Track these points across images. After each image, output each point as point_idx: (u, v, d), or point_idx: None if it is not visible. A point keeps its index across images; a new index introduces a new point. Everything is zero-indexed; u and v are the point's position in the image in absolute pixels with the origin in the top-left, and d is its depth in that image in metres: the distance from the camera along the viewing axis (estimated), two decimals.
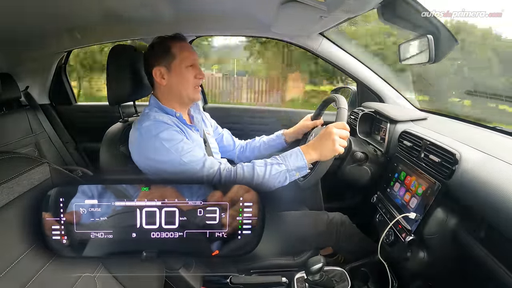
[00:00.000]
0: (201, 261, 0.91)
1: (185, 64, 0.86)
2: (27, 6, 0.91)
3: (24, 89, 1.71)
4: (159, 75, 0.87)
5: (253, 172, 0.75)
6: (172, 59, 0.86)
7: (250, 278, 0.91)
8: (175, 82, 0.87)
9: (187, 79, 0.87)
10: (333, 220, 0.98)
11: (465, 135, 0.84)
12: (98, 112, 1.89)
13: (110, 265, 0.59)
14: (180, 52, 0.86)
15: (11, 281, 0.43)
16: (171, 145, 0.77)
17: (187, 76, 0.87)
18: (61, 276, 0.50)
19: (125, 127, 0.93)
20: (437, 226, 0.72)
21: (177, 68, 0.86)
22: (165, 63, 0.86)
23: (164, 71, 0.87)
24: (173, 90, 0.88)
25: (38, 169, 0.53)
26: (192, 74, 0.88)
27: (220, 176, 0.75)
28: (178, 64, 0.86)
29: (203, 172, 0.75)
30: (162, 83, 0.88)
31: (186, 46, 0.89)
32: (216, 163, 0.78)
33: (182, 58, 0.86)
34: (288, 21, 1.02)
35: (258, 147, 1.15)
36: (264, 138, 1.17)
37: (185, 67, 0.86)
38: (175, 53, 0.86)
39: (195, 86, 0.89)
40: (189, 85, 0.88)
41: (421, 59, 0.88)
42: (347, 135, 0.79)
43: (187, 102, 0.92)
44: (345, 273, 0.82)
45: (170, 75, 0.87)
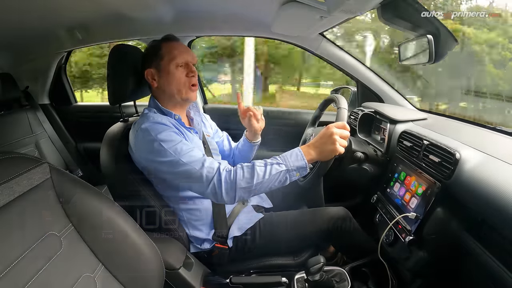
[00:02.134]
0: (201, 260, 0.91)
1: (174, 64, 0.86)
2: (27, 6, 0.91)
3: (24, 89, 1.71)
4: (150, 76, 0.88)
5: (253, 172, 0.74)
6: (160, 60, 0.87)
7: (250, 278, 0.91)
8: (166, 83, 0.87)
9: (177, 79, 0.87)
10: (336, 215, 0.98)
11: (465, 135, 0.84)
12: (98, 112, 1.90)
13: (110, 265, 0.59)
14: (168, 52, 0.86)
15: (11, 281, 0.43)
16: (170, 146, 0.77)
17: (176, 75, 0.86)
18: (61, 276, 0.50)
19: (125, 127, 0.93)
20: (437, 226, 0.72)
21: (166, 68, 0.86)
22: (155, 64, 0.87)
23: (154, 72, 0.88)
24: (165, 91, 0.88)
25: (38, 169, 0.53)
26: (182, 73, 0.87)
27: (220, 176, 0.74)
28: (167, 63, 0.86)
29: (202, 172, 0.75)
30: (154, 85, 0.89)
31: (175, 46, 0.88)
32: (216, 163, 0.78)
33: (170, 58, 0.86)
34: (288, 21, 1.02)
35: (237, 155, 1.15)
36: (239, 144, 1.14)
37: (175, 67, 0.86)
38: (163, 53, 0.86)
39: (188, 85, 0.88)
40: (180, 85, 0.87)
41: (421, 59, 0.88)
42: (347, 135, 0.79)
43: (181, 102, 0.91)
44: (345, 273, 0.82)
45: (160, 76, 0.88)
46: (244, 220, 0.94)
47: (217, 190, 0.74)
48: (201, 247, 0.91)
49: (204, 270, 0.88)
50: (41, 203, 0.52)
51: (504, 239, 0.56)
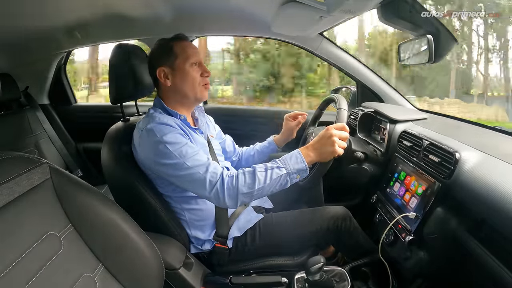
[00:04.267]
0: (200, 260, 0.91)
1: (189, 62, 0.85)
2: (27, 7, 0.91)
3: (24, 89, 1.71)
4: (163, 75, 0.86)
5: (255, 177, 0.74)
6: (174, 58, 0.85)
7: (250, 278, 0.91)
8: (180, 82, 0.86)
9: (192, 78, 0.86)
10: (336, 214, 0.98)
11: (465, 135, 0.84)
12: (98, 112, 1.90)
13: (110, 265, 0.59)
14: (182, 51, 0.85)
15: (11, 281, 0.43)
16: (175, 149, 0.76)
17: (192, 75, 0.86)
18: (61, 276, 0.50)
19: (127, 127, 0.93)
20: (437, 226, 0.72)
21: (181, 67, 0.85)
22: (168, 63, 0.85)
23: (168, 71, 0.86)
24: (179, 90, 0.87)
25: (38, 169, 0.53)
26: (197, 72, 0.87)
27: (223, 182, 0.75)
28: (182, 62, 0.85)
29: (206, 177, 0.75)
30: (167, 84, 0.86)
31: (188, 45, 0.88)
32: (220, 168, 0.78)
33: (185, 57, 0.85)
34: (288, 21, 1.02)
35: (253, 156, 1.16)
36: (257, 146, 1.17)
37: (190, 65, 0.85)
38: (177, 51, 0.85)
39: (202, 84, 0.88)
40: (195, 84, 0.87)
41: (421, 59, 0.88)
42: (347, 137, 0.79)
43: (194, 102, 0.91)
44: (345, 273, 0.82)
45: (174, 75, 0.86)
46: (244, 221, 0.94)
47: (220, 195, 0.75)
48: (201, 248, 0.91)
49: (204, 270, 0.88)
50: (41, 203, 0.52)
51: (505, 239, 0.56)
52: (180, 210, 0.90)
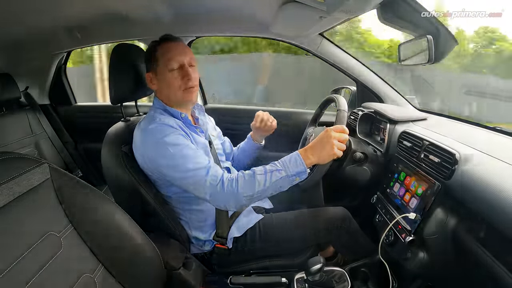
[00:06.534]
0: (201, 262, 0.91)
1: (168, 68, 0.84)
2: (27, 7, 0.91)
3: (24, 89, 1.71)
4: (150, 80, 0.89)
5: (254, 180, 0.75)
6: (156, 64, 0.86)
7: (250, 278, 0.91)
8: (162, 87, 0.87)
9: (171, 83, 0.85)
10: (335, 215, 0.98)
11: (465, 135, 0.84)
12: (98, 112, 1.89)
13: (110, 266, 0.59)
14: (162, 56, 0.85)
15: (11, 281, 0.43)
16: (176, 151, 0.76)
17: (171, 80, 0.85)
18: (61, 277, 0.50)
19: (127, 127, 0.93)
20: (437, 226, 0.72)
21: (161, 73, 0.86)
22: (152, 69, 0.87)
23: (153, 76, 0.88)
24: (164, 94, 0.88)
25: (38, 169, 0.53)
26: (176, 77, 0.85)
27: (223, 185, 0.75)
28: (162, 68, 0.85)
29: (206, 179, 0.75)
30: (154, 88, 0.89)
31: (170, 48, 0.85)
32: (220, 171, 0.78)
33: (164, 62, 0.84)
34: (287, 21, 1.02)
35: (237, 156, 1.17)
36: (240, 144, 1.17)
37: (169, 71, 0.84)
38: (158, 57, 0.85)
39: (184, 88, 0.85)
40: (175, 89, 0.85)
41: (421, 60, 0.88)
42: (346, 139, 0.79)
43: (182, 104, 0.90)
44: (345, 273, 0.82)
45: (157, 80, 0.87)
46: (244, 221, 0.94)
47: (220, 198, 0.75)
48: (201, 248, 0.91)
49: (204, 270, 0.88)
50: (41, 203, 0.52)
51: (504, 239, 0.56)
52: (180, 210, 0.90)
